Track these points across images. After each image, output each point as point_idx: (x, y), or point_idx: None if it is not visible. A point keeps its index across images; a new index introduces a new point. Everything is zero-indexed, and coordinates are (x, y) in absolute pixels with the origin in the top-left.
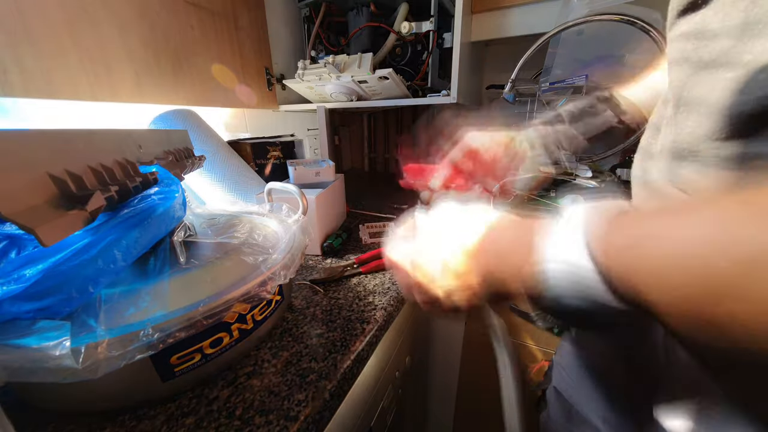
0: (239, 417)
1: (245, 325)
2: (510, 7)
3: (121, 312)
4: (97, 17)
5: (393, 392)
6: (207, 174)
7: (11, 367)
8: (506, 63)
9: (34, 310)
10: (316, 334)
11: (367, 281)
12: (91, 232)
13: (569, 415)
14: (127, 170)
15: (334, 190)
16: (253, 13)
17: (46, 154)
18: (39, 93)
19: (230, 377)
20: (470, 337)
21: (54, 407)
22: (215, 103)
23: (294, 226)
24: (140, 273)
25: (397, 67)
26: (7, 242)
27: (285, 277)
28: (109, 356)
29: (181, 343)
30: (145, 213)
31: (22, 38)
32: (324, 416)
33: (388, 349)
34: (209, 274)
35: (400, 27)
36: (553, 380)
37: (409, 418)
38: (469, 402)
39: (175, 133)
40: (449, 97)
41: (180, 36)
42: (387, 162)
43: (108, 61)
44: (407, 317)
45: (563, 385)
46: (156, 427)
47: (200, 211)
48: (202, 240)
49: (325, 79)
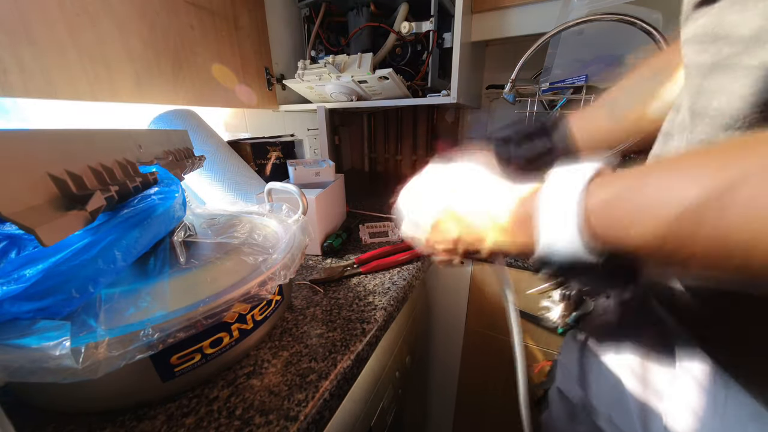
0: (239, 417)
1: (245, 325)
2: (510, 7)
3: (121, 312)
4: (97, 17)
5: (393, 392)
6: (207, 174)
7: (11, 367)
8: (506, 63)
9: (34, 310)
10: (316, 334)
11: (367, 281)
12: (91, 232)
13: (573, 416)
14: (127, 170)
15: (334, 190)
16: (253, 13)
17: (46, 154)
18: (39, 93)
19: (230, 377)
20: (470, 338)
21: (54, 407)
22: (215, 103)
23: (294, 226)
24: (140, 273)
25: (397, 67)
26: (7, 242)
27: (285, 277)
28: (109, 356)
29: (181, 343)
30: (145, 213)
31: (22, 38)
32: (324, 416)
33: (388, 349)
34: (209, 274)
35: (400, 27)
36: (557, 380)
37: (409, 418)
38: (469, 402)
39: (175, 133)
40: (449, 97)
41: (180, 36)
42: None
43: (108, 61)
44: (407, 317)
45: (567, 385)
46: (156, 427)
47: (200, 211)
48: (202, 240)
49: (325, 79)
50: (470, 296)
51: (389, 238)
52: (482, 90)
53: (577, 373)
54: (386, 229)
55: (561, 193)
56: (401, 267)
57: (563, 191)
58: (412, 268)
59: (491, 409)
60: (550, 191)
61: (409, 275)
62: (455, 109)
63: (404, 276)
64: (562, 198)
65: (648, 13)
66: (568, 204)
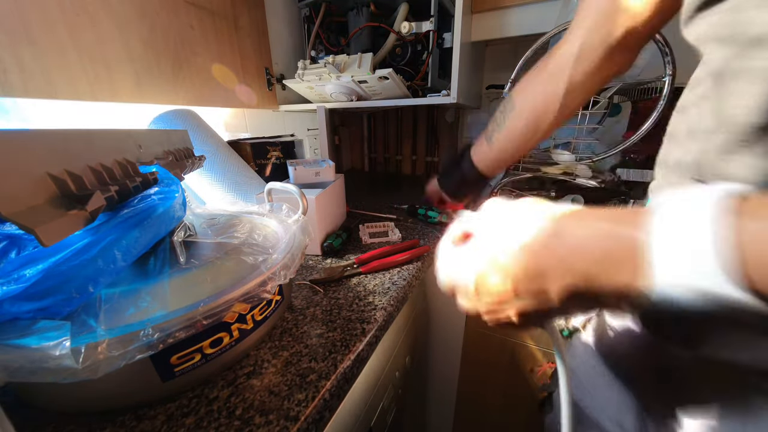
0: (239, 417)
1: (245, 325)
2: (510, 7)
3: (121, 312)
4: (97, 17)
5: (393, 392)
6: (207, 174)
7: (11, 367)
8: (506, 63)
9: (34, 310)
10: (316, 334)
11: (367, 281)
12: (91, 232)
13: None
14: (127, 170)
15: (334, 190)
16: (253, 13)
17: (46, 154)
18: (39, 93)
19: (230, 377)
20: (470, 338)
21: (54, 407)
22: (215, 103)
23: (294, 226)
24: (140, 273)
25: (397, 67)
26: (7, 242)
27: (285, 277)
28: (109, 356)
29: (181, 343)
30: (145, 213)
31: (22, 38)
32: (324, 416)
33: (388, 349)
34: (209, 274)
35: (400, 27)
36: None
37: (409, 418)
38: (469, 402)
39: (175, 133)
40: (449, 97)
41: (180, 36)
42: (387, 162)
43: (108, 61)
44: (407, 317)
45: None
46: (156, 427)
47: (200, 211)
48: (202, 240)
49: (325, 79)
50: None
51: (389, 238)
52: (482, 90)
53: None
54: (386, 229)
55: (690, 218)
56: (401, 267)
57: (692, 215)
58: (412, 268)
59: (491, 410)
60: (672, 214)
61: (409, 275)
62: (455, 109)
63: (404, 276)
64: (692, 223)
65: None
66: (711, 224)
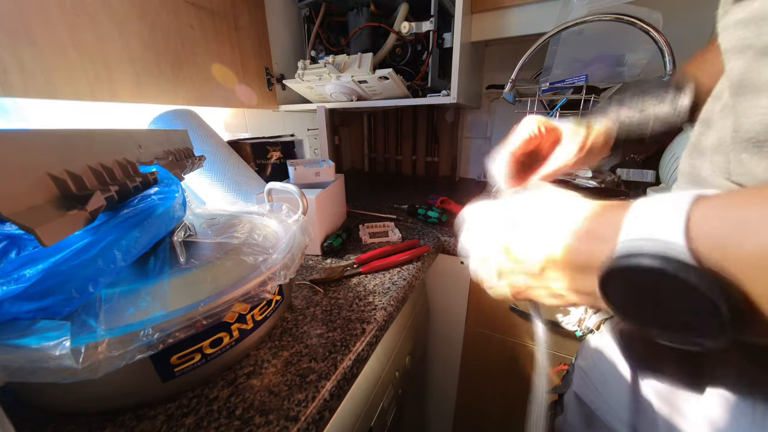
0: (239, 417)
1: (245, 325)
2: (510, 7)
3: (121, 312)
4: (97, 17)
5: (393, 392)
6: (207, 174)
7: (11, 367)
8: (506, 63)
9: (34, 310)
10: (316, 334)
11: (367, 281)
12: (91, 232)
13: (590, 421)
14: (127, 170)
15: (334, 190)
16: (253, 13)
17: (46, 154)
18: (39, 93)
19: (230, 377)
20: (470, 338)
21: (54, 407)
22: (215, 103)
23: (294, 226)
24: (140, 273)
25: (397, 67)
26: (7, 242)
27: (285, 277)
28: (109, 356)
29: (181, 343)
30: (145, 213)
31: (22, 38)
32: (324, 416)
33: (388, 349)
34: (209, 274)
35: (400, 27)
36: (573, 385)
37: (409, 418)
38: (469, 402)
39: (175, 133)
40: (449, 97)
41: (180, 36)
42: (387, 162)
43: (108, 61)
44: (407, 317)
45: (585, 390)
46: (156, 427)
47: (200, 211)
48: (202, 240)
49: (325, 79)
50: (470, 296)
51: (389, 238)
52: (482, 90)
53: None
54: (386, 229)
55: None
56: (401, 267)
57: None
58: (412, 268)
59: (491, 410)
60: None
61: (409, 275)
62: (455, 109)
63: (404, 276)
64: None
65: (648, 13)
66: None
